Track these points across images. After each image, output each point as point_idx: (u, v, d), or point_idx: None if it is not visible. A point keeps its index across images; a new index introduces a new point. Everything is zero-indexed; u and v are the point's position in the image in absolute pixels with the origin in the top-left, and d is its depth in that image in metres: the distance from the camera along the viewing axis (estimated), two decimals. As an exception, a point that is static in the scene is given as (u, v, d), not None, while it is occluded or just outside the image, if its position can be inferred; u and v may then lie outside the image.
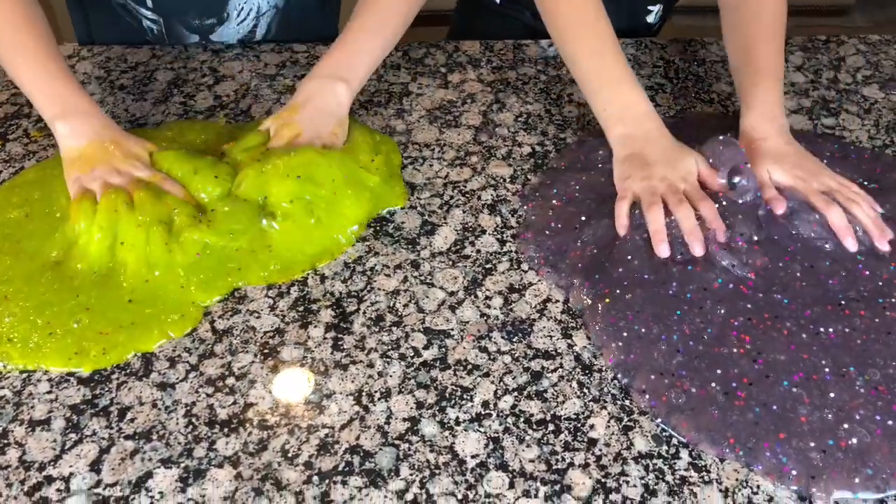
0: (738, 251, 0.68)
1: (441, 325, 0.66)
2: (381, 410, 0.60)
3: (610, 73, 0.77)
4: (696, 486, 0.55)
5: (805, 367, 0.61)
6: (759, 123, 0.76)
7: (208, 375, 0.62)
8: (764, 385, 0.60)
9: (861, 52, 1.00)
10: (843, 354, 0.62)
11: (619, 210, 0.72)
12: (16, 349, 0.62)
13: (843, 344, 0.63)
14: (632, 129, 0.76)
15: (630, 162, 0.74)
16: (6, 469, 0.56)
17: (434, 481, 0.55)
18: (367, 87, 0.92)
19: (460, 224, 0.75)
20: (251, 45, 0.98)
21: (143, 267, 0.67)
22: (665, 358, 0.62)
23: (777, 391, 0.60)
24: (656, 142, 0.75)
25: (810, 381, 0.60)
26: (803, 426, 0.57)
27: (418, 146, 0.84)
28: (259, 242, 0.70)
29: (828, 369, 0.61)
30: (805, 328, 0.64)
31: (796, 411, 0.58)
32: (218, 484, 0.55)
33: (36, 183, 0.76)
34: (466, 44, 1.00)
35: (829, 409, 0.58)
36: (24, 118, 0.86)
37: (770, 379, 0.60)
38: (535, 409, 0.60)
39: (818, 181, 0.73)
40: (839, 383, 0.60)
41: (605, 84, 0.78)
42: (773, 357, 0.62)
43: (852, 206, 0.71)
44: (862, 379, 0.60)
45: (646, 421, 0.59)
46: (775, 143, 0.75)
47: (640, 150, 0.74)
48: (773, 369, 0.61)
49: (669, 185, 0.71)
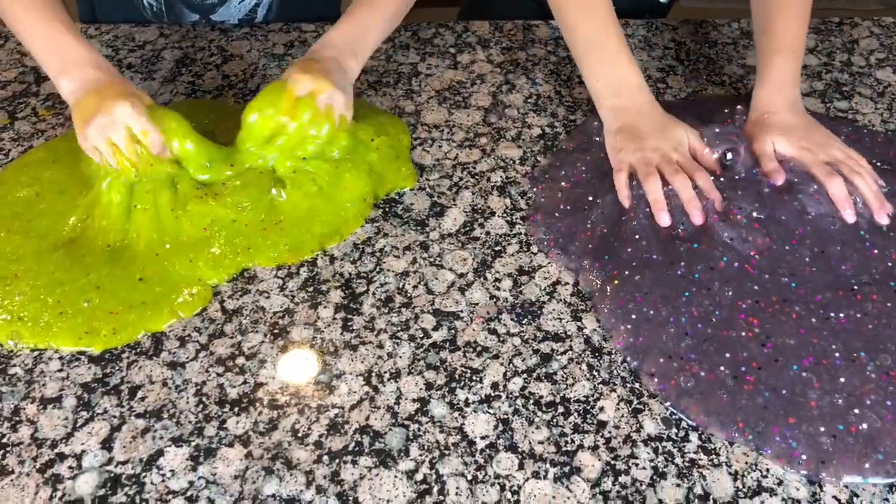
0: (737, 225, 0.68)
1: (450, 307, 0.66)
2: (390, 391, 0.60)
3: (604, 45, 0.78)
4: (706, 469, 0.55)
5: (815, 351, 0.61)
6: (769, 97, 0.76)
7: (218, 355, 0.62)
8: (773, 369, 0.60)
9: (875, 34, 0.99)
10: (854, 339, 0.62)
11: (619, 182, 0.72)
12: (26, 328, 0.63)
13: (855, 329, 0.63)
14: (624, 102, 0.76)
15: (622, 134, 0.75)
16: (18, 446, 0.56)
17: (444, 462, 0.56)
18: (377, 67, 0.91)
19: (469, 206, 0.75)
20: (259, 24, 0.98)
21: (155, 233, 0.67)
22: (674, 341, 0.62)
23: (786, 375, 0.59)
24: (647, 114, 0.76)
25: (820, 366, 0.60)
26: (813, 411, 0.57)
27: (427, 127, 0.83)
28: (269, 217, 0.70)
29: (838, 354, 0.61)
30: (815, 313, 0.64)
31: (806, 396, 0.58)
32: (228, 463, 0.55)
33: (45, 161, 0.76)
34: (476, 24, 0.99)
35: (840, 395, 0.58)
36: (32, 96, 0.86)
37: (779, 363, 0.60)
38: (545, 391, 0.60)
39: (825, 152, 0.73)
40: (849, 368, 0.60)
41: (598, 56, 0.78)
42: (782, 341, 0.62)
43: (855, 177, 0.71)
44: (873, 364, 0.60)
45: (655, 404, 0.59)
46: (784, 116, 0.75)
47: (632, 122, 0.75)
48: (782, 353, 0.61)
49: (663, 155, 0.72)
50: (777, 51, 0.77)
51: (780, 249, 0.68)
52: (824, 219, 0.70)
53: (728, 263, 0.66)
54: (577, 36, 0.80)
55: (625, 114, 0.76)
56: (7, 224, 0.70)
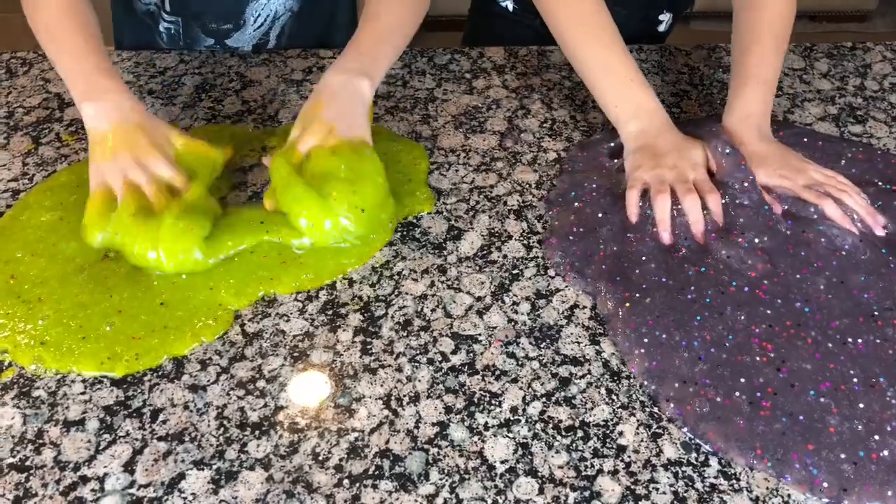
0: (737, 245, 0.69)
1: (469, 331, 0.66)
2: (410, 415, 0.60)
3: (616, 70, 0.79)
4: (727, 494, 0.55)
5: (832, 376, 0.61)
6: (735, 127, 0.77)
7: (239, 378, 0.63)
8: (789, 395, 0.60)
9: (888, 59, 1.00)
10: (873, 365, 0.62)
11: (629, 199, 0.74)
12: (48, 352, 0.63)
13: (873, 354, 0.62)
14: (644, 125, 0.77)
15: (641, 152, 0.76)
16: (42, 469, 0.57)
17: (463, 486, 0.56)
18: (393, 92, 0.92)
19: (486, 229, 0.76)
20: (277, 50, 0.99)
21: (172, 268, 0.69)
22: (687, 366, 0.62)
23: (803, 401, 0.59)
24: (666, 134, 0.77)
25: (838, 392, 0.60)
26: (832, 437, 0.57)
27: (444, 151, 0.84)
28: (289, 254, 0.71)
29: (856, 380, 0.61)
30: (831, 338, 0.64)
31: (824, 422, 0.58)
32: (250, 486, 0.56)
33: (69, 185, 0.77)
34: (491, 50, 1.00)
35: (859, 420, 0.58)
36: (55, 122, 0.87)
37: (795, 388, 0.60)
38: (564, 415, 0.60)
39: (804, 177, 0.74)
40: (869, 394, 0.60)
41: (612, 82, 0.79)
42: (798, 366, 0.62)
43: (842, 196, 0.72)
44: (893, 390, 0.60)
45: (675, 428, 0.59)
46: (754, 147, 0.76)
47: (652, 142, 0.76)
48: (798, 378, 0.61)
49: (679, 174, 0.73)
50: (745, 82, 0.78)
51: (790, 277, 0.68)
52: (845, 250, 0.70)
53: (738, 288, 0.67)
54: (587, 63, 0.80)
55: (644, 135, 0.77)
56: (32, 248, 0.71)
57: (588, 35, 0.80)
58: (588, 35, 0.80)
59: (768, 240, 0.70)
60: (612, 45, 0.79)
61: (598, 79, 0.80)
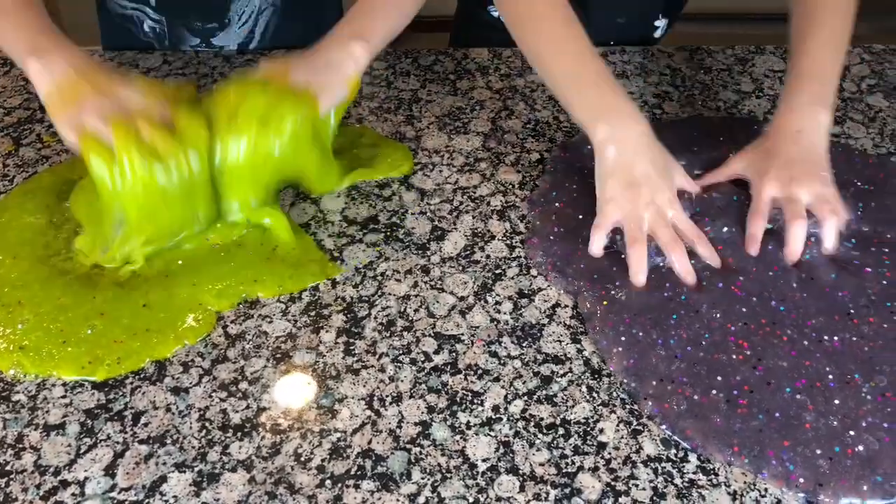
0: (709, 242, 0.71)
1: (451, 330, 0.67)
2: (392, 415, 0.60)
3: (581, 76, 0.73)
4: (705, 489, 0.56)
5: (808, 374, 0.62)
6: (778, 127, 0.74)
7: (221, 380, 0.63)
8: (765, 392, 0.60)
9: (866, 61, 1.01)
10: (849, 362, 0.63)
11: (595, 241, 0.70)
12: (28, 357, 0.63)
13: (849, 352, 0.63)
14: (618, 133, 0.70)
15: (615, 180, 0.70)
16: (22, 474, 0.56)
17: (446, 485, 0.56)
18: (377, 93, 0.93)
19: (470, 229, 0.76)
20: (261, 51, 0.99)
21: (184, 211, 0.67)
22: (665, 364, 0.62)
23: (779, 398, 0.60)
24: (643, 152, 0.70)
25: (814, 388, 0.61)
26: (808, 433, 0.58)
27: (428, 152, 0.85)
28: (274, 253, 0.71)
29: (832, 377, 0.61)
30: (807, 336, 0.64)
31: (800, 418, 0.59)
32: (232, 488, 0.56)
33: (51, 187, 0.77)
34: (475, 51, 1.00)
35: (835, 417, 0.59)
36: (37, 123, 0.87)
37: (772, 386, 0.61)
38: (545, 413, 0.61)
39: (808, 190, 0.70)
40: (844, 390, 0.61)
41: (577, 88, 0.73)
42: (774, 363, 0.62)
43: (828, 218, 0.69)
44: (868, 386, 0.61)
45: (654, 425, 0.60)
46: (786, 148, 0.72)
47: (628, 163, 0.70)
48: (774, 376, 0.62)
49: (656, 211, 0.69)
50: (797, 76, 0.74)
51: (764, 275, 0.69)
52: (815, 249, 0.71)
53: (711, 283, 0.67)
54: (555, 77, 0.75)
55: (618, 149, 0.70)
56: (14, 250, 0.70)
57: (554, 51, 0.75)
58: (554, 51, 0.75)
59: (738, 232, 0.71)
60: (580, 56, 0.73)
61: (564, 88, 0.74)
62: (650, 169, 0.70)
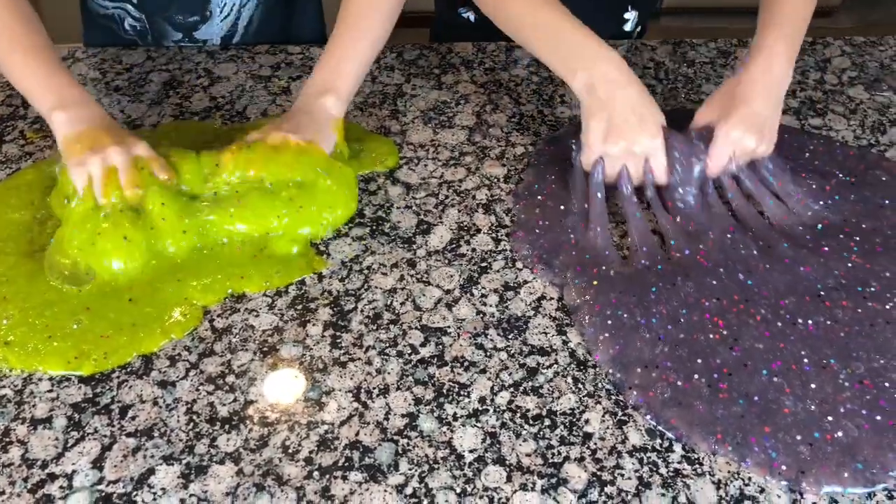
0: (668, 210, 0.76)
1: (438, 323, 0.67)
2: (379, 407, 0.61)
3: (559, 25, 0.74)
4: (690, 479, 0.56)
5: (783, 356, 0.63)
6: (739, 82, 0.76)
7: (208, 373, 0.63)
8: (743, 374, 0.62)
9: (847, 53, 1.02)
10: (824, 346, 0.64)
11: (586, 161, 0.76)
12: (13, 353, 0.62)
13: (824, 336, 0.65)
14: (597, 78, 0.72)
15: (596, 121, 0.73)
16: (9, 467, 0.56)
17: (433, 476, 0.56)
18: (362, 88, 0.93)
19: (455, 223, 0.76)
20: (245, 45, 0.99)
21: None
22: (649, 347, 0.64)
23: (757, 381, 0.61)
24: (624, 97, 0.72)
25: (790, 371, 0.62)
26: (787, 418, 0.59)
27: (413, 146, 0.85)
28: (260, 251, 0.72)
29: (807, 360, 0.63)
30: (781, 318, 0.66)
31: (779, 402, 0.60)
32: (219, 480, 0.56)
33: (35, 184, 0.76)
34: (459, 45, 1.01)
35: (812, 401, 0.60)
36: (19, 119, 0.86)
37: (748, 368, 0.62)
38: (532, 404, 0.61)
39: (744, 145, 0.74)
40: (820, 375, 0.62)
41: (553, 35, 0.75)
42: (750, 344, 0.64)
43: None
44: (845, 372, 0.62)
45: (639, 416, 0.60)
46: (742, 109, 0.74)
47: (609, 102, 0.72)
48: (750, 357, 0.63)
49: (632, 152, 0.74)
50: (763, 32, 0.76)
51: (723, 239, 0.72)
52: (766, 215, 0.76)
53: (678, 249, 0.71)
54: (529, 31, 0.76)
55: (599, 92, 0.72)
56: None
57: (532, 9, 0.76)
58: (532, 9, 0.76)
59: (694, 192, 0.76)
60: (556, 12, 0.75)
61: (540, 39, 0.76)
62: (629, 112, 0.73)
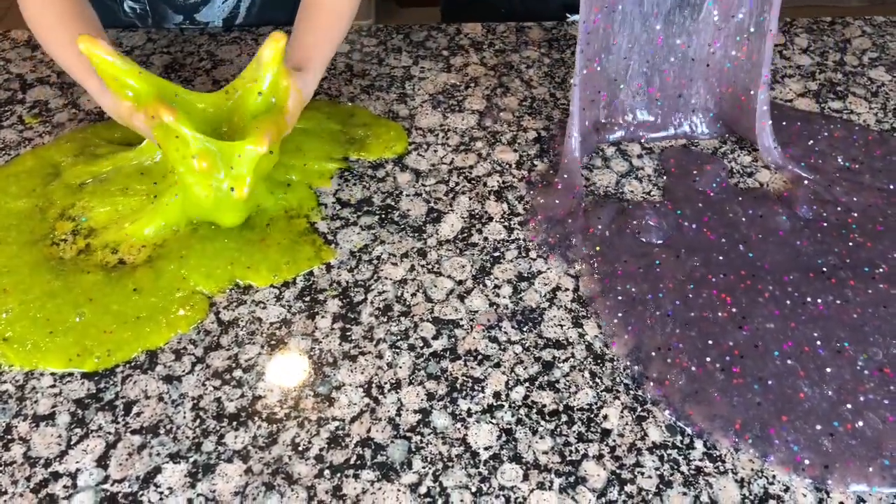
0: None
1: (450, 315, 0.65)
2: (391, 402, 0.59)
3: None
4: (712, 477, 0.55)
5: (794, 336, 0.62)
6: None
7: (215, 368, 0.61)
8: (755, 355, 0.61)
9: (867, 33, 0.99)
10: (836, 328, 0.63)
11: None
12: (12, 349, 0.61)
13: (836, 317, 0.63)
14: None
15: None
16: (11, 465, 0.55)
17: (447, 474, 0.55)
18: (369, 70, 0.90)
19: (467, 211, 0.74)
20: (247, 27, 0.96)
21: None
22: (660, 325, 0.63)
23: (769, 363, 0.60)
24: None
25: (802, 353, 0.61)
26: (804, 403, 0.58)
27: (422, 131, 0.83)
28: None
29: (820, 342, 0.62)
30: (790, 295, 0.65)
31: (794, 387, 0.59)
32: (228, 479, 0.54)
33: (35, 171, 0.74)
34: (468, 26, 0.98)
35: (829, 386, 0.59)
36: (17, 104, 0.84)
37: (759, 349, 0.61)
38: (548, 399, 0.59)
39: None
40: (836, 360, 0.61)
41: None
42: (759, 323, 0.63)
43: None
44: (862, 359, 0.60)
45: (659, 411, 0.59)
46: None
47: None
48: (760, 338, 0.62)
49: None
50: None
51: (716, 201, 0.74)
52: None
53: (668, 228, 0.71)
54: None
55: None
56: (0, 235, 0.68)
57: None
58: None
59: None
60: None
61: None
62: None
